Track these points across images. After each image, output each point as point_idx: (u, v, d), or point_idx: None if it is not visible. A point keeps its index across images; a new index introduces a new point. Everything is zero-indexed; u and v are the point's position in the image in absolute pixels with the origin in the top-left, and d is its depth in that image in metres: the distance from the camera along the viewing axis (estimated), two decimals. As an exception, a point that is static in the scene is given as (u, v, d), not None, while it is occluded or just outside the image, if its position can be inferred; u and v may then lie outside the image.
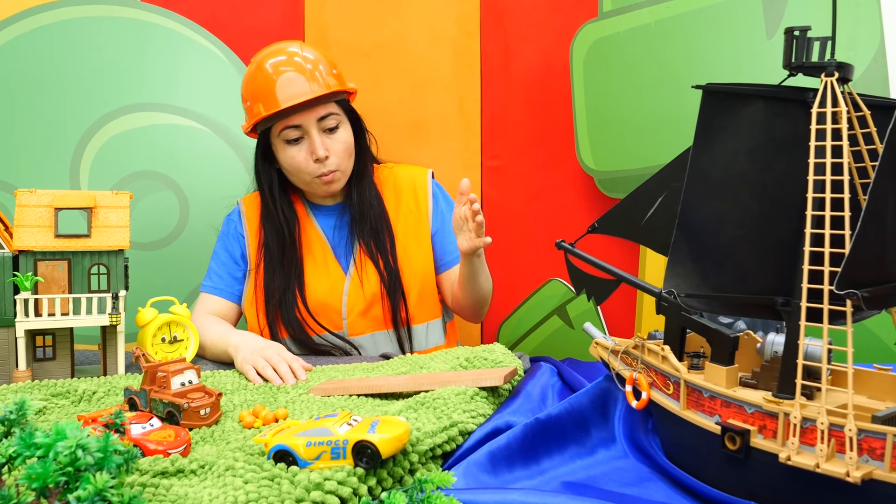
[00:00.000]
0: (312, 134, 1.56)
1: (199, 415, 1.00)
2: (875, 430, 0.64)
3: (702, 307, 0.85)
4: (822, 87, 0.73)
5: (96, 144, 1.88)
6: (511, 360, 1.24)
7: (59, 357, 1.28)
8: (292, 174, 1.62)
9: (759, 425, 0.74)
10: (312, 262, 1.66)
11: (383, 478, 0.76)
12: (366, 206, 1.67)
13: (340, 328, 1.64)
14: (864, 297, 0.66)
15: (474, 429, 0.93)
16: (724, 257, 0.82)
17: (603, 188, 1.82)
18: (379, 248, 1.66)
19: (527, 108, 1.99)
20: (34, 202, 1.26)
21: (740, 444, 0.73)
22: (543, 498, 0.71)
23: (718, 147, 0.82)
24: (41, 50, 1.83)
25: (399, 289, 1.65)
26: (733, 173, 0.81)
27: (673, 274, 0.86)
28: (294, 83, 1.55)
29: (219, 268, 1.69)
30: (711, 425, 0.78)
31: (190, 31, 1.96)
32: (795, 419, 0.68)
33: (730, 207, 0.81)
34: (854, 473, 0.62)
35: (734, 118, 0.80)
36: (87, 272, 1.27)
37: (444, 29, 2.11)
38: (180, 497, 0.71)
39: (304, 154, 1.57)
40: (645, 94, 1.72)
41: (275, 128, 1.57)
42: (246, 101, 1.62)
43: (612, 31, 1.78)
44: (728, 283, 0.82)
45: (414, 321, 1.67)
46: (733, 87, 0.81)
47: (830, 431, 0.66)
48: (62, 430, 0.58)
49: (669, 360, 0.85)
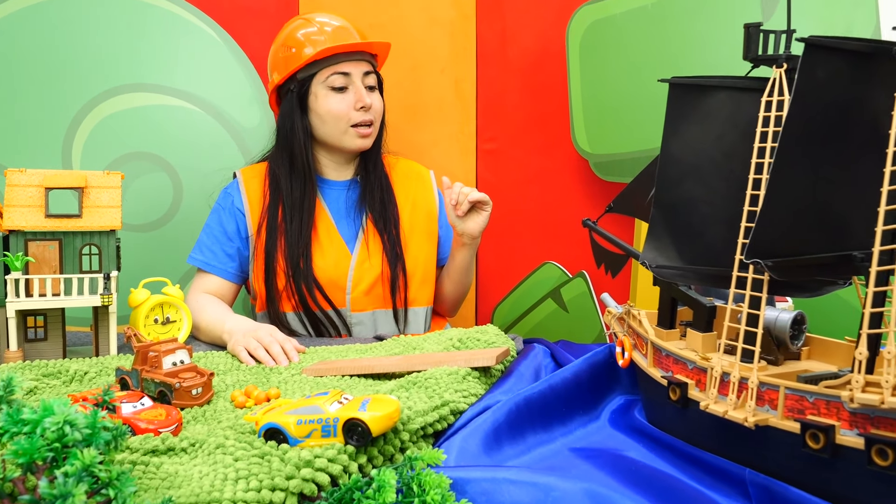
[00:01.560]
0: (357, 84, 1.63)
1: (191, 394, 1.00)
2: (771, 382, 0.72)
3: (675, 277, 0.92)
4: (772, 78, 0.79)
5: (89, 125, 1.86)
6: (504, 342, 1.24)
7: (50, 338, 1.28)
8: (329, 123, 1.64)
9: (696, 379, 0.83)
10: (315, 236, 1.65)
11: (374, 456, 0.76)
12: (377, 178, 1.71)
13: (343, 304, 1.64)
14: (768, 265, 0.73)
15: (466, 408, 0.93)
16: (695, 234, 0.89)
17: (598, 171, 1.81)
18: (386, 223, 1.68)
19: (523, 91, 1.98)
20: (24, 182, 1.25)
21: (679, 395, 0.83)
22: (533, 476, 0.71)
23: (686, 134, 0.89)
24: (34, 28, 1.82)
25: (402, 268, 1.66)
26: (701, 158, 0.88)
27: (651, 248, 0.94)
28: (346, 31, 1.65)
29: (210, 242, 1.66)
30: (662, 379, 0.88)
31: (185, 12, 1.95)
32: (716, 373, 0.78)
33: (699, 189, 0.88)
34: (750, 419, 0.71)
35: (699, 108, 0.88)
36: (79, 252, 1.26)
37: (440, 12, 2.09)
38: (170, 475, 0.71)
39: (347, 102, 1.62)
40: (641, 77, 1.71)
41: (320, 74, 1.62)
42: (289, 48, 1.64)
43: (609, 13, 1.77)
44: (699, 257, 0.89)
45: (413, 303, 1.69)
46: (697, 80, 0.88)
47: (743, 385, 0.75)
48: (50, 407, 0.58)
49: (643, 324, 0.96)
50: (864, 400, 0.61)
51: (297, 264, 1.59)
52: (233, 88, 1.99)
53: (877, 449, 0.61)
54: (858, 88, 0.73)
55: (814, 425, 0.66)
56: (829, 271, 0.77)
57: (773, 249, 0.74)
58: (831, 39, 0.71)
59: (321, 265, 1.62)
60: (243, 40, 1.99)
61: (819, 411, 0.68)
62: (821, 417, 0.67)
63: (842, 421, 0.65)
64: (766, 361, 0.81)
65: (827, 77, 0.72)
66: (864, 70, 0.72)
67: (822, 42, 0.71)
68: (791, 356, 0.84)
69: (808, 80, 0.72)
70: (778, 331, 0.83)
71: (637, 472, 0.80)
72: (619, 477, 0.79)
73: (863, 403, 0.62)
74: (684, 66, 1.64)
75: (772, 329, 0.84)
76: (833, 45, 0.71)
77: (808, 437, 0.67)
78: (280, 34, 1.69)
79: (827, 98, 0.72)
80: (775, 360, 0.82)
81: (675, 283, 0.93)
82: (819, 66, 0.71)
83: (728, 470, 0.77)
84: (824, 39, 0.71)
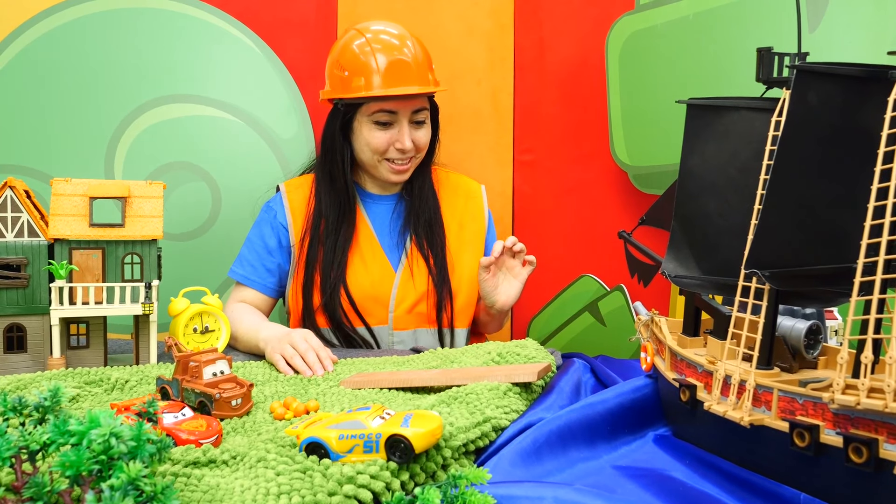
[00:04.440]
0: (404, 125, 1.57)
1: (231, 405, 1.00)
2: (766, 384, 0.77)
3: (693, 287, 0.97)
4: (782, 98, 0.83)
5: (131, 135, 1.89)
6: (544, 356, 1.23)
7: (92, 345, 1.29)
8: (365, 154, 1.61)
9: (704, 382, 0.88)
10: (358, 252, 1.63)
11: (416, 472, 0.75)
12: (424, 200, 1.67)
13: (385, 322, 1.62)
14: (766, 276, 0.79)
15: (507, 425, 0.91)
16: (711, 245, 0.94)
17: (637, 184, 1.79)
18: (431, 244, 1.65)
19: (560, 102, 1.96)
20: (69, 191, 1.26)
21: (689, 396, 0.88)
22: (579, 497, 0.69)
23: (703, 152, 0.94)
24: (77, 41, 1.85)
25: (448, 288, 1.64)
26: (717, 174, 0.93)
27: (671, 258, 0.99)
28: (403, 71, 1.55)
29: (252, 257, 1.65)
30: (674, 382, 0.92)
31: (224, 24, 1.97)
32: (719, 376, 0.83)
33: (715, 203, 0.93)
34: (746, 419, 0.76)
35: (715, 127, 0.93)
36: (121, 261, 1.27)
37: (477, 22, 2.09)
38: (212, 487, 0.71)
39: (387, 138, 1.57)
40: (682, 89, 1.69)
41: (367, 107, 1.56)
42: (343, 69, 1.58)
43: (649, 23, 1.75)
44: (715, 268, 0.93)
45: (458, 324, 1.67)
46: (712, 101, 0.94)
47: (742, 387, 0.79)
48: (96, 418, 0.58)
49: (663, 330, 1.01)
50: (842, 401, 0.67)
51: (332, 282, 1.58)
52: (271, 99, 2.00)
53: (853, 447, 0.66)
54: (853, 111, 0.76)
55: (800, 425, 0.72)
56: (830, 282, 0.80)
57: (771, 261, 0.79)
58: (822, 65, 0.75)
59: (363, 281, 1.61)
60: (282, 51, 2.00)
61: (807, 412, 0.73)
62: (808, 418, 0.72)
63: (826, 421, 0.71)
64: (781, 369, 0.83)
65: (820, 101, 0.76)
66: (859, 93, 0.75)
67: (812, 68, 0.76)
68: (807, 365, 0.87)
69: (800, 104, 0.76)
70: (793, 340, 0.86)
71: (684, 495, 0.78)
72: (665, 498, 0.77)
73: (841, 404, 0.67)
74: (725, 78, 1.62)
75: (787, 338, 0.86)
76: (824, 71, 0.75)
77: (796, 435, 0.72)
78: (336, 46, 1.65)
79: (821, 120, 0.77)
80: (790, 368, 0.85)
81: (697, 293, 0.97)
82: (811, 90, 0.76)
83: (780, 494, 0.75)
84: (815, 66, 0.76)
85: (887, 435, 0.65)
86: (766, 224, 0.79)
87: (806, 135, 0.77)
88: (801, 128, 0.77)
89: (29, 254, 1.24)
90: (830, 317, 1.15)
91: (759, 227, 0.80)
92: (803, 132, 0.77)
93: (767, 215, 0.79)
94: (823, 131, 0.77)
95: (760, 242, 0.80)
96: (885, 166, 0.69)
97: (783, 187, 0.78)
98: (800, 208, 0.79)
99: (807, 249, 0.79)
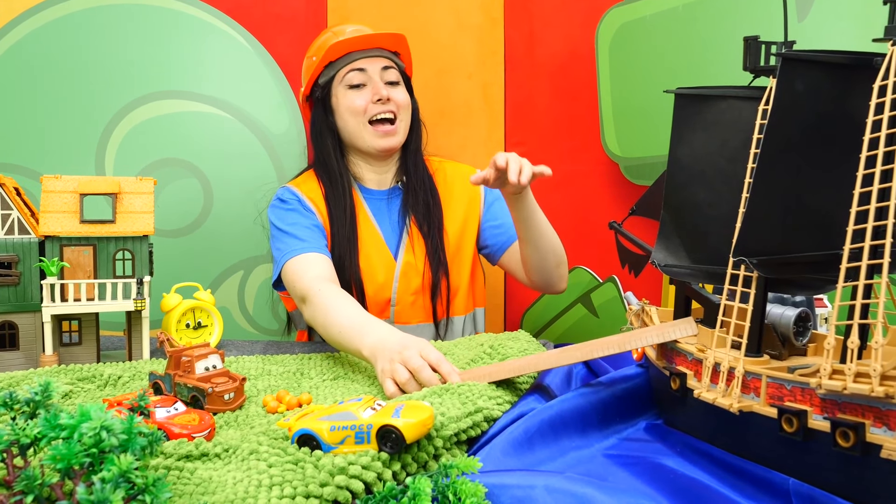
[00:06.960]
0: (375, 78, 1.61)
1: (224, 399, 1.00)
2: (755, 371, 0.78)
3: (683, 276, 0.97)
4: (769, 87, 0.83)
5: (121, 132, 1.88)
6: (536, 348, 1.23)
7: (84, 342, 1.29)
8: (349, 121, 1.62)
9: (694, 370, 0.89)
10: (362, 246, 1.61)
11: (408, 463, 0.75)
12: (419, 181, 1.68)
13: (387, 316, 1.62)
14: (754, 263, 0.80)
15: (499, 415, 0.92)
16: (700, 234, 0.94)
17: (628, 175, 1.79)
18: (430, 227, 1.64)
19: (551, 94, 1.97)
20: (60, 188, 1.26)
21: (679, 384, 0.89)
22: (571, 486, 0.70)
23: (692, 141, 0.95)
24: (67, 37, 1.84)
25: (445, 274, 1.63)
26: (705, 163, 0.93)
27: (660, 248, 0.99)
28: (359, 30, 1.65)
29: (302, 232, 1.53)
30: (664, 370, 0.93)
31: (215, 20, 1.96)
32: (709, 363, 0.84)
33: (704, 192, 0.93)
34: (735, 406, 0.77)
35: (703, 116, 0.93)
36: (112, 258, 1.27)
37: (468, 16, 2.09)
38: (204, 480, 0.71)
39: (364, 97, 1.61)
40: (673, 79, 1.69)
41: (338, 74, 1.62)
42: (311, 57, 1.67)
43: (638, 14, 1.75)
44: (705, 257, 0.93)
45: (454, 313, 1.67)
46: (700, 90, 0.94)
47: (732, 374, 0.80)
48: (87, 412, 0.58)
49: (653, 319, 1.03)
50: (829, 386, 0.68)
51: (346, 277, 1.54)
52: (262, 94, 2.00)
53: (840, 431, 0.67)
54: (840, 98, 0.76)
55: (788, 410, 0.72)
56: (818, 269, 0.81)
57: (759, 248, 0.80)
58: (808, 53, 0.75)
59: (367, 273, 1.59)
60: (272, 46, 2.01)
61: (795, 398, 0.74)
62: (796, 404, 0.73)
63: (814, 407, 0.72)
64: (770, 356, 0.84)
65: (806, 89, 0.76)
66: (845, 80, 0.76)
67: (798, 56, 0.76)
68: (797, 352, 0.87)
69: (786, 92, 0.76)
70: (782, 327, 0.86)
71: (676, 482, 0.78)
72: (657, 487, 0.77)
73: (829, 389, 0.68)
74: (715, 68, 1.62)
75: (777, 326, 0.86)
76: (810, 59, 0.75)
77: (784, 421, 0.73)
78: (310, 47, 1.72)
79: (807, 108, 0.76)
80: (779, 356, 0.85)
81: (686, 282, 0.97)
82: (798, 78, 0.76)
83: (770, 480, 0.75)
84: (801, 53, 0.76)
85: (874, 419, 0.66)
86: (753, 212, 0.80)
87: (793, 122, 0.77)
88: (788, 115, 0.77)
89: (20, 251, 1.23)
90: (820, 305, 1.15)
91: (746, 214, 0.81)
92: (790, 120, 0.77)
93: (754, 203, 0.80)
94: (810, 119, 0.77)
95: (748, 230, 0.81)
96: (870, 153, 0.69)
97: (770, 175, 0.79)
98: (787, 196, 0.79)
99: (794, 237, 0.80)
